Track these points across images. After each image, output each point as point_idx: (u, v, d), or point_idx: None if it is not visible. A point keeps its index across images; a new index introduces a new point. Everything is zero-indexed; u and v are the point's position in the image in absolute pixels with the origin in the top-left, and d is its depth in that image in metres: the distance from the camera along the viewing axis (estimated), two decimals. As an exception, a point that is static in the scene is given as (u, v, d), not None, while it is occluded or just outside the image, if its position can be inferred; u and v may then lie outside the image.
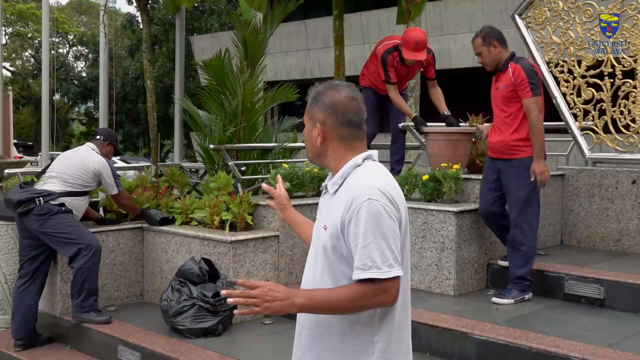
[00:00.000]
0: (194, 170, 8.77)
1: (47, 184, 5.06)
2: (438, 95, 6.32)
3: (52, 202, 4.92)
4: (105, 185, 5.25)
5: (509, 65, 4.62)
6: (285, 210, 2.54)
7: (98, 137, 5.43)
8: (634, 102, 5.62)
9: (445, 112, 6.12)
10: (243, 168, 6.90)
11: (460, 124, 6.20)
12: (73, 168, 5.13)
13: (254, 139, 7.64)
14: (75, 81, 35.50)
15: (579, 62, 5.88)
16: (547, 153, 4.75)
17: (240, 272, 4.87)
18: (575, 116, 5.95)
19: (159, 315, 4.76)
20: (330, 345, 2.08)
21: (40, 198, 4.90)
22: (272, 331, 4.68)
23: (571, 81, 5.92)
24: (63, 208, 4.96)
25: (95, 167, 5.15)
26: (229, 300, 1.97)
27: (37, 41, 35.40)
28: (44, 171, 5.34)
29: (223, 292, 1.96)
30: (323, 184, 2.22)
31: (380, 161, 2.23)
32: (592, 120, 5.86)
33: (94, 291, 4.98)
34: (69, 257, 4.93)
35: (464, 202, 5.23)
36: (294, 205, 2.47)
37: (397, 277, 1.99)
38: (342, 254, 2.04)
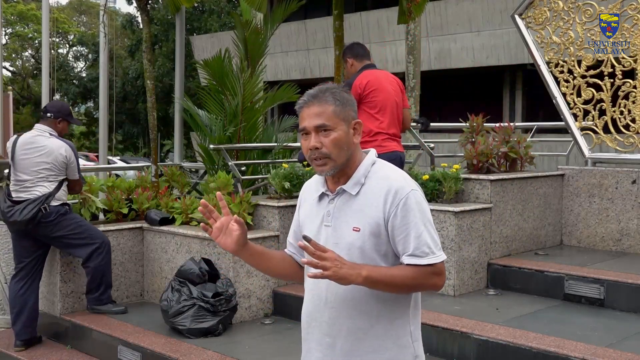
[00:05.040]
0: (194, 170, 8.76)
1: (36, 188, 4.83)
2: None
3: (53, 204, 4.85)
4: (69, 169, 4.95)
5: None
6: (235, 239, 2.08)
7: (49, 114, 4.98)
8: (634, 102, 5.62)
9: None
10: (243, 168, 6.89)
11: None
12: (43, 164, 4.84)
13: (254, 139, 7.63)
14: (75, 81, 35.48)
15: (579, 62, 5.88)
16: (547, 153, 4.75)
17: (240, 272, 4.88)
18: (575, 116, 5.95)
19: (159, 315, 4.76)
20: (372, 347, 2.06)
21: (45, 205, 4.79)
22: (272, 331, 4.69)
23: (571, 81, 5.92)
24: (67, 208, 4.97)
25: (63, 155, 4.87)
26: (303, 260, 1.96)
27: (37, 41, 35.37)
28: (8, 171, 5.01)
29: (300, 243, 1.91)
30: (325, 190, 2.14)
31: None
32: (592, 120, 5.86)
33: (110, 285, 5.19)
34: (84, 257, 5.01)
35: (464, 202, 5.23)
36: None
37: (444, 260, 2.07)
38: (380, 251, 2.05)
